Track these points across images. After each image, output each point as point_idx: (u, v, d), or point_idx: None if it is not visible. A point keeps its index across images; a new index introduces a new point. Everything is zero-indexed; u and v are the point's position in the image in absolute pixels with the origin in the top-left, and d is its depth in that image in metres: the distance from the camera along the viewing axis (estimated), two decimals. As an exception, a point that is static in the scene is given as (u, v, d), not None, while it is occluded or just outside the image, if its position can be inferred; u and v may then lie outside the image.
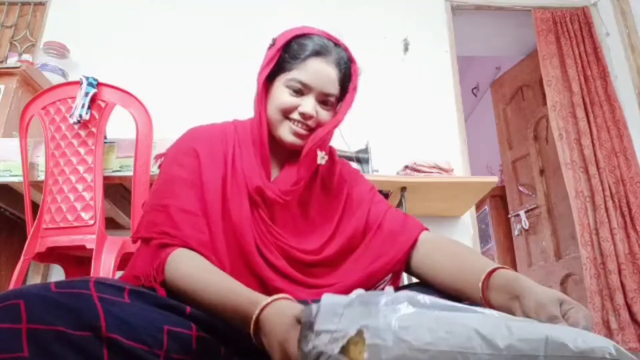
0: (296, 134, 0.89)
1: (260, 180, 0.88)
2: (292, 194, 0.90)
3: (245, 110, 1.01)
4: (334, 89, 0.90)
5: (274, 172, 0.95)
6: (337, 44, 0.93)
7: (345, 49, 0.94)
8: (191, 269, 0.74)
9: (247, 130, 0.94)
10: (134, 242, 0.86)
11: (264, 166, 0.91)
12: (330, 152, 0.99)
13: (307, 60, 0.89)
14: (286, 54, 0.90)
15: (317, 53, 0.89)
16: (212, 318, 0.70)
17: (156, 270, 0.75)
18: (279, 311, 0.61)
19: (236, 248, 0.84)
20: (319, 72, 0.89)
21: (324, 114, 0.91)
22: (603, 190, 2.68)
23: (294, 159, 0.94)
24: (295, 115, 0.89)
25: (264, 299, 0.64)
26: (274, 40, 0.93)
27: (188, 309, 0.69)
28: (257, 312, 0.62)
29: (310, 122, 0.89)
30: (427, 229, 0.91)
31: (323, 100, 0.90)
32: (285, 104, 0.89)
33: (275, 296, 0.64)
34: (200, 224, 0.81)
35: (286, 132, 0.90)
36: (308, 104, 0.88)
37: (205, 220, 0.83)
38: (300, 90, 0.89)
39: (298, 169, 0.92)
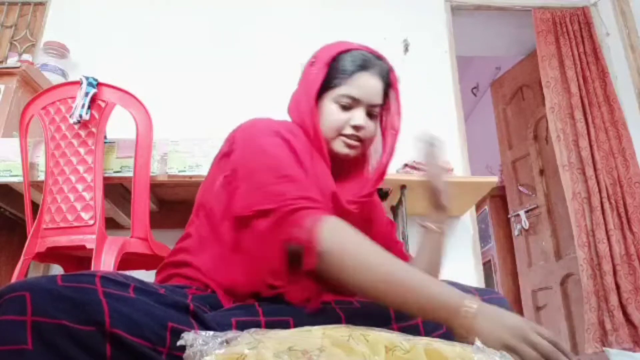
0: (349, 146, 0.93)
1: (334, 186, 0.89)
2: (358, 205, 0.92)
3: (246, 110, 1.01)
4: (379, 99, 0.94)
5: None
6: (378, 56, 0.96)
7: (386, 62, 0.97)
8: (361, 241, 0.73)
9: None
10: (243, 215, 0.79)
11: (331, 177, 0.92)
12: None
13: (354, 75, 0.91)
14: (331, 70, 0.93)
15: (363, 67, 0.92)
16: (212, 316, 0.70)
17: (309, 234, 0.71)
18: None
19: None
20: (366, 85, 0.92)
21: (371, 125, 0.94)
22: (600, 191, 2.68)
23: (346, 172, 0.97)
24: (347, 130, 0.92)
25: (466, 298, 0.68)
26: (315, 58, 0.95)
27: (191, 306, 0.70)
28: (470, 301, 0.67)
29: (361, 134, 0.92)
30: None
31: (370, 111, 0.94)
32: (338, 122, 0.91)
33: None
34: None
35: (340, 146, 0.93)
36: (359, 117, 0.92)
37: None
38: (350, 105, 0.92)
39: (364, 185, 0.96)
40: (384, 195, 2.33)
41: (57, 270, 2.29)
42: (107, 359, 0.59)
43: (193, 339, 0.54)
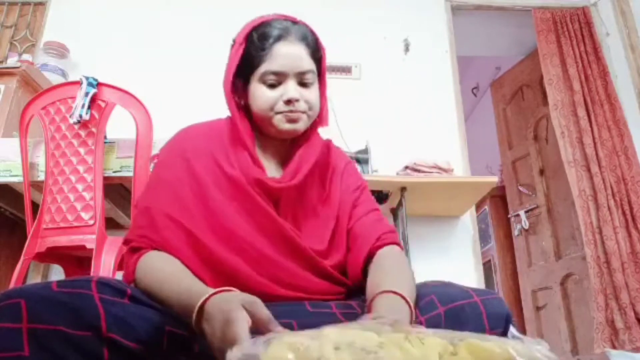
0: (291, 120, 0.88)
1: (257, 172, 0.87)
2: (296, 181, 0.89)
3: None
4: (307, 65, 0.89)
5: (270, 168, 0.94)
6: (295, 22, 0.92)
7: (305, 25, 0.93)
8: (156, 264, 0.75)
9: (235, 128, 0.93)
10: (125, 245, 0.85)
11: (255, 163, 0.90)
12: (328, 146, 0.99)
13: (272, 49, 0.87)
14: (249, 48, 0.89)
15: (279, 37, 0.88)
16: None
17: (127, 272, 0.77)
18: (223, 298, 0.61)
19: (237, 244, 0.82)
20: (287, 55, 0.87)
21: (307, 93, 0.89)
22: (605, 189, 2.67)
23: (289, 153, 0.93)
24: (281, 107, 0.87)
25: (211, 290, 0.64)
26: (234, 40, 0.93)
27: None
28: (201, 300, 0.62)
29: (299, 106, 0.88)
30: (385, 244, 0.87)
31: (301, 80, 0.88)
32: (270, 101, 0.87)
33: (221, 288, 0.64)
34: (180, 229, 0.81)
35: (281, 123, 0.88)
36: (290, 89, 0.87)
37: (193, 223, 0.82)
38: (277, 81, 0.87)
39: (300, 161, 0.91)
40: (384, 197, 2.33)
41: (57, 270, 2.29)
42: None
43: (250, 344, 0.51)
